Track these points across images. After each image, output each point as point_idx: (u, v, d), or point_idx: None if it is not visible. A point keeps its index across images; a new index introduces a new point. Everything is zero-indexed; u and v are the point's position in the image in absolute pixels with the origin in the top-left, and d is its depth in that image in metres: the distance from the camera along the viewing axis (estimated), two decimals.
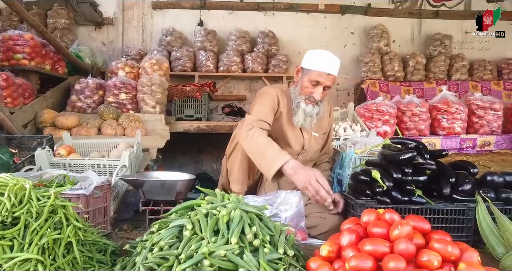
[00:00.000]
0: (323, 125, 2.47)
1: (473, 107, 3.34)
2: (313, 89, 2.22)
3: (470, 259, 1.18)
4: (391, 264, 1.14)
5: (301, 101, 2.26)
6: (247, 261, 1.18)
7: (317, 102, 2.28)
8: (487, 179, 2.13)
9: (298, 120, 2.29)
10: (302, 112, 2.26)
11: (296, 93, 2.28)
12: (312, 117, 2.29)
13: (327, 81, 2.21)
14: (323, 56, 2.22)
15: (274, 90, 2.34)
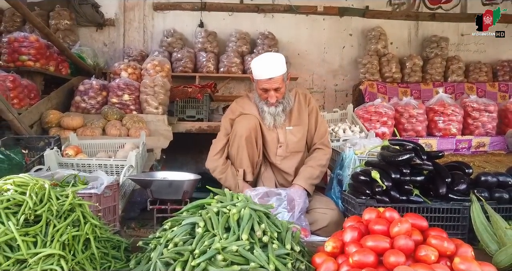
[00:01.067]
0: (302, 117, 2.58)
1: (469, 109, 3.44)
2: (266, 94, 2.41)
3: (464, 254, 1.27)
4: (392, 259, 1.23)
5: (264, 106, 2.46)
6: (258, 256, 1.27)
7: (279, 101, 2.44)
8: (481, 179, 2.23)
9: (270, 122, 2.48)
10: (268, 114, 2.46)
11: (258, 100, 2.50)
12: (279, 115, 2.47)
13: (273, 85, 2.36)
14: (259, 64, 2.38)
15: (236, 105, 2.62)
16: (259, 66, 2.38)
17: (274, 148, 2.56)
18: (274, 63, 2.37)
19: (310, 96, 2.74)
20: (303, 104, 2.62)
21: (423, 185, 2.26)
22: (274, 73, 2.34)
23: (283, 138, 2.56)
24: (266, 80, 2.36)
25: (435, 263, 1.24)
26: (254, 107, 2.54)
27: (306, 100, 2.66)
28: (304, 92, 2.71)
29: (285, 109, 2.49)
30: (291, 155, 2.59)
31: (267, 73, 2.34)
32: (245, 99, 2.64)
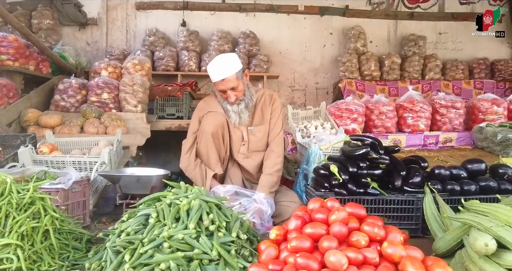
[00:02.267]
0: (265, 117, 2.67)
1: (437, 106, 3.55)
2: (225, 95, 2.50)
3: (393, 239, 1.37)
4: (325, 244, 1.33)
5: (227, 105, 2.54)
6: (202, 243, 1.36)
7: (240, 99, 2.52)
8: (435, 172, 2.34)
9: (235, 120, 2.55)
10: (233, 113, 2.54)
11: (221, 100, 2.58)
12: (243, 112, 2.54)
13: (227, 85, 2.44)
14: (211, 67, 2.47)
15: (203, 103, 2.68)
16: (211, 69, 2.47)
17: (238, 145, 2.63)
18: (225, 64, 2.44)
19: (276, 97, 2.79)
20: (267, 104, 2.68)
21: (381, 178, 2.36)
22: (225, 74, 2.41)
23: (246, 136, 2.64)
24: (220, 82, 2.43)
25: (366, 247, 1.34)
26: (220, 106, 2.61)
27: (271, 101, 2.72)
28: (270, 93, 2.75)
29: (248, 105, 2.55)
30: (253, 154, 2.65)
31: (218, 75, 2.42)
32: (212, 98, 2.71)
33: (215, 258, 1.33)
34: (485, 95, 3.66)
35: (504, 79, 5.68)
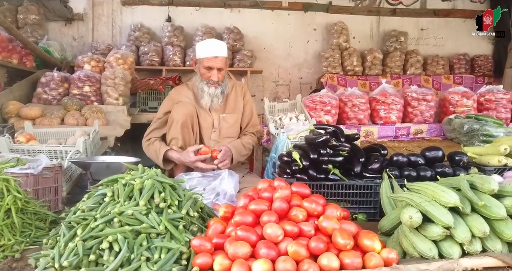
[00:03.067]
0: (237, 107, 2.79)
1: (409, 98, 3.65)
2: (209, 73, 2.56)
3: (330, 214, 1.46)
4: (265, 218, 1.42)
5: (204, 86, 2.60)
6: (151, 218, 1.45)
7: (219, 83, 2.61)
8: (393, 159, 2.44)
9: (206, 102, 2.63)
10: (207, 95, 2.61)
11: (198, 81, 2.64)
12: (217, 97, 2.63)
13: (217, 63, 2.54)
14: (206, 43, 2.59)
15: (175, 91, 2.80)
16: (205, 45, 2.57)
17: (209, 132, 2.73)
18: (220, 44, 2.59)
19: (246, 89, 2.96)
20: (239, 94, 2.83)
21: (343, 165, 2.46)
22: (219, 53, 2.54)
23: (217, 123, 2.74)
24: (211, 58, 2.52)
25: (304, 221, 1.44)
26: (190, 94, 2.71)
27: (242, 92, 2.87)
28: (241, 84, 2.93)
29: (223, 92, 2.65)
30: (224, 140, 2.75)
31: (213, 52, 2.52)
32: (183, 87, 2.82)
33: (163, 232, 1.42)
34: (456, 88, 3.77)
35: (484, 74, 5.80)
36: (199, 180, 2.40)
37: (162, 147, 2.61)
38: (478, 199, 1.36)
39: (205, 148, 2.55)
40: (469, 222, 1.34)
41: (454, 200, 1.36)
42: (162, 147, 2.61)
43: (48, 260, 1.31)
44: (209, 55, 2.53)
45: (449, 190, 1.40)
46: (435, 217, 1.36)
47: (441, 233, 1.33)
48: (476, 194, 1.42)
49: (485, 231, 1.29)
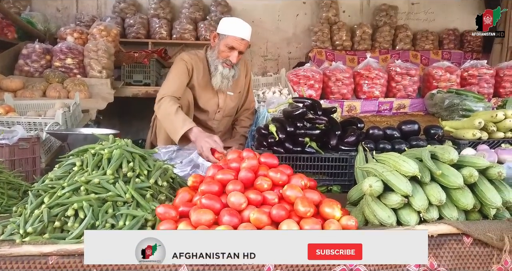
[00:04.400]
0: (240, 85, 2.74)
1: (392, 73, 3.64)
2: (229, 53, 2.45)
3: (295, 183, 1.49)
4: (230, 187, 1.45)
5: (219, 65, 2.48)
6: (118, 187, 1.47)
7: (233, 66, 2.52)
8: (369, 132, 2.46)
9: (217, 82, 2.52)
10: (220, 75, 2.49)
11: (214, 57, 2.50)
12: (228, 79, 2.53)
13: (241, 46, 2.45)
14: (237, 23, 2.46)
15: (189, 57, 2.55)
16: (235, 24, 2.44)
17: (213, 113, 2.68)
18: (249, 28, 2.49)
19: (249, 66, 2.91)
20: (242, 71, 2.75)
21: (320, 138, 2.48)
22: (247, 36, 2.45)
23: (222, 103, 2.68)
24: (238, 39, 2.41)
25: (268, 190, 1.47)
26: (201, 66, 2.56)
27: (246, 70, 2.80)
28: (244, 61, 2.82)
29: (235, 76, 2.56)
30: (225, 118, 2.77)
31: (242, 33, 2.42)
32: (194, 56, 2.59)
33: (129, 200, 1.44)
34: (440, 63, 3.76)
35: (472, 50, 5.77)
36: (177, 152, 2.41)
37: (188, 122, 2.29)
38: (437, 168, 1.39)
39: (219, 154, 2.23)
40: (428, 191, 1.37)
41: (413, 169, 1.38)
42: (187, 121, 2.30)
43: (13, 227, 1.34)
44: (237, 35, 2.40)
45: (410, 160, 1.43)
46: (394, 185, 1.39)
47: (399, 201, 1.37)
48: (437, 164, 1.45)
49: (441, 199, 1.32)
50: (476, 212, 1.41)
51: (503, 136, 2.47)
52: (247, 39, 2.48)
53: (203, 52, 2.65)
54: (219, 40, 2.48)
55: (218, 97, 2.65)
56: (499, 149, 2.25)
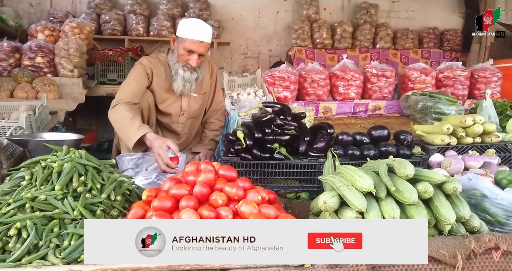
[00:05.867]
0: (205, 86, 2.67)
1: (368, 74, 3.62)
2: (188, 56, 2.38)
3: (251, 199, 1.45)
4: (183, 203, 1.40)
5: (179, 69, 2.42)
6: (66, 204, 1.41)
7: (195, 69, 2.45)
8: (339, 137, 2.44)
9: (178, 87, 2.45)
10: (181, 79, 2.43)
11: (174, 61, 2.44)
12: (191, 83, 2.47)
13: (200, 49, 2.37)
14: (195, 25, 2.37)
15: (148, 61, 2.49)
16: (192, 26, 2.35)
17: (177, 116, 2.61)
18: (208, 28, 2.38)
19: (214, 64, 2.85)
20: (207, 73, 2.69)
21: (290, 144, 2.45)
22: (206, 38, 2.35)
23: (186, 106, 2.61)
24: (196, 42, 2.32)
25: (223, 206, 1.43)
26: (162, 71, 2.50)
27: (211, 70, 2.73)
28: (208, 60, 2.76)
29: (198, 79, 2.49)
30: (189, 121, 2.69)
31: (200, 35, 2.32)
32: (155, 60, 2.54)
33: (77, 218, 1.39)
34: (416, 65, 3.76)
35: (452, 49, 5.80)
36: (143, 159, 2.35)
37: (143, 127, 2.19)
38: (392, 184, 1.37)
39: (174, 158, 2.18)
40: (383, 207, 1.35)
41: (368, 185, 1.36)
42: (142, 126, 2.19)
43: None
44: (195, 38, 2.31)
45: (366, 175, 1.40)
46: (349, 201, 1.36)
47: (353, 218, 1.34)
48: (393, 178, 1.43)
49: (395, 215, 1.30)
50: (432, 228, 1.39)
51: (472, 141, 2.47)
52: (207, 41, 2.39)
53: (164, 55, 2.58)
54: (178, 43, 2.41)
55: (182, 100, 2.59)
56: (466, 156, 2.25)
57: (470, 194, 1.56)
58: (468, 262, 1.30)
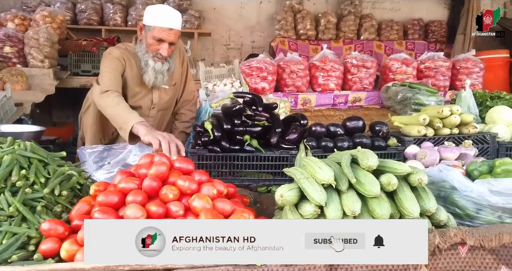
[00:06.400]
0: (176, 76, 2.52)
1: (348, 65, 3.53)
2: (158, 46, 2.23)
3: (205, 193, 1.35)
4: (129, 198, 1.30)
5: (149, 60, 2.26)
6: (1, 199, 1.30)
7: (166, 59, 2.30)
8: (312, 129, 2.34)
9: (150, 79, 2.30)
10: (152, 70, 2.27)
11: (143, 52, 2.28)
12: (163, 74, 2.31)
13: (171, 37, 2.22)
14: (162, 11, 2.22)
15: (119, 51, 2.32)
16: (159, 12, 2.19)
17: (147, 110, 2.49)
18: (177, 15, 2.23)
19: (184, 51, 2.69)
20: (177, 60, 2.52)
21: (263, 135, 2.35)
22: (176, 25, 2.20)
23: (157, 99, 2.48)
24: (165, 30, 2.17)
25: (174, 200, 1.32)
26: (134, 62, 2.34)
27: (181, 56, 2.58)
28: (182, 51, 2.62)
29: (170, 69, 2.34)
30: (160, 112, 2.57)
31: (168, 22, 2.16)
32: (124, 49, 2.37)
33: (14, 214, 1.28)
34: (397, 55, 3.67)
35: (437, 40, 5.73)
36: (108, 152, 2.23)
37: (134, 116, 2.05)
38: (353, 176, 1.28)
39: None
40: (343, 200, 1.26)
41: (328, 177, 1.27)
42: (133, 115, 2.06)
43: None
44: (163, 25, 2.15)
45: (326, 166, 1.31)
46: (308, 194, 1.27)
47: (312, 212, 1.25)
48: (356, 169, 1.34)
49: (354, 210, 1.21)
50: None
51: (449, 132, 2.40)
52: (177, 28, 2.23)
53: (132, 45, 2.40)
54: (146, 32, 2.24)
55: (153, 93, 2.45)
56: (442, 147, 2.18)
57: (439, 186, 1.49)
58: (433, 258, 1.22)
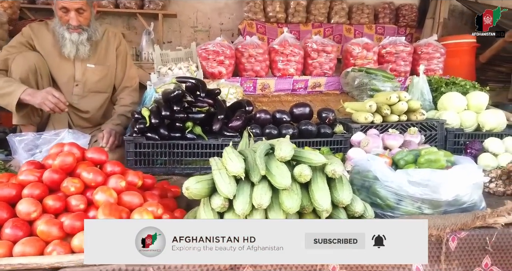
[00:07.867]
0: (109, 57, 2.49)
1: (309, 49, 3.44)
2: (67, 16, 2.22)
3: (112, 185, 1.28)
4: (26, 191, 1.22)
5: (65, 32, 2.26)
6: None
7: (83, 28, 2.28)
8: (256, 116, 2.28)
9: (70, 51, 2.29)
10: (70, 42, 2.27)
11: (58, 26, 2.28)
12: (83, 44, 2.30)
13: (75, 5, 2.19)
14: None
15: (29, 28, 2.34)
16: None
17: (70, 86, 2.44)
18: None
19: (122, 38, 2.66)
20: (111, 43, 2.54)
21: (208, 122, 2.27)
22: None
23: (80, 76, 2.43)
24: None
25: (77, 193, 1.25)
26: (50, 37, 2.34)
27: (116, 40, 2.57)
28: (114, 32, 2.62)
29: (91, 38, 2.33)
30: (91, 95, 2.50)
31: None
32: (41, 27, 2.40)
33: None
34: (358, 39, 3.60)
35: (407, 24, 5.67)
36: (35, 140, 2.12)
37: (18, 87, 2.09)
38: (264, 167, 1.22)
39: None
40: (254, 193, 1.20)
41: (236, 169, 1.21)
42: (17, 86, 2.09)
43: None
44: None
45: (237, 158, 1.24)
46: (218, 187, 1.21)
47: (220, 205, 1.19)
48: (271, 160, 1.28)
49: (261, 202, 1.16)
50: (311, 214, 1.26)
51: (397, 119, 2.36)
52: None
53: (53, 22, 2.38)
54: (55, 6, 2.26)
55: (75, 69, 2.39)
56: (386, 134, 2.14)
57: (363, 176, 1.44)
58: None
